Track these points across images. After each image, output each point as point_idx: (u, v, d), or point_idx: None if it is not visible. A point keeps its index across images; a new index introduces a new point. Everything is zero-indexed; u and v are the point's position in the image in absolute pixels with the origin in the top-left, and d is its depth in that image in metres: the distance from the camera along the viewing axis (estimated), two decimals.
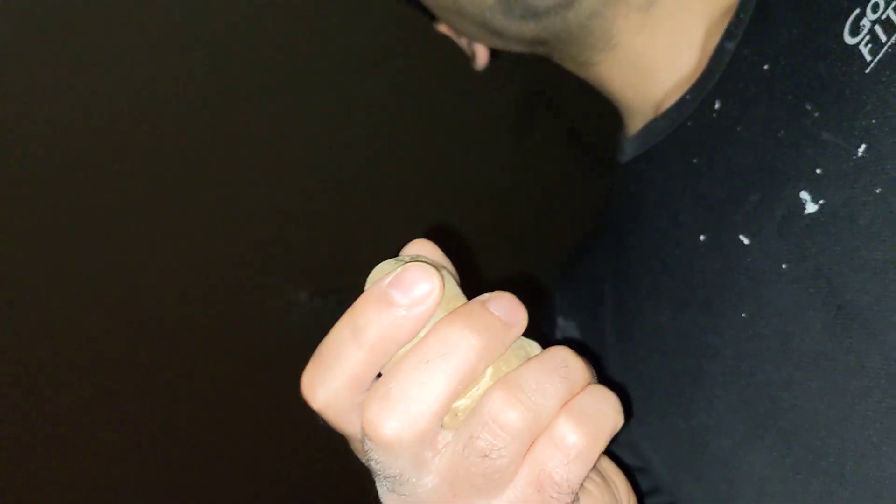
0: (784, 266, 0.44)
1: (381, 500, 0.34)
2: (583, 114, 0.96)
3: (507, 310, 0.32)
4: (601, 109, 0.67)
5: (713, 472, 0.48)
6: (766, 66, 0.49)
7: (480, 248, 1.38)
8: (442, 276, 0.31)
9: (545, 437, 0.31)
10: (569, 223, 1.05)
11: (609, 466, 0.39)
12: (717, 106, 0.52)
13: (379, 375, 0.32)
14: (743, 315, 0.46)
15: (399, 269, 0.31)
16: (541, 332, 0.67)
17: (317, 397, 0.33)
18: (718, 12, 0.56)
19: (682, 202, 0.53)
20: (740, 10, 0.53)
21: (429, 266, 0.31)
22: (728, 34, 0.53)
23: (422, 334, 0.31)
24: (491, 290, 0.34)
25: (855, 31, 0.43)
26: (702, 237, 0.50)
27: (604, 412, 0.33)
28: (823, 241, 0.42)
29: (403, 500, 0.33)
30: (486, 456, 0.30)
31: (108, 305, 1.10)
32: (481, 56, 0.67)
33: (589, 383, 0.33)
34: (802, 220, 0.43)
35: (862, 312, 0.40)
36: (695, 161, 0.53)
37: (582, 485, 0.33)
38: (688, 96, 0.55)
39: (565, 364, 0.33)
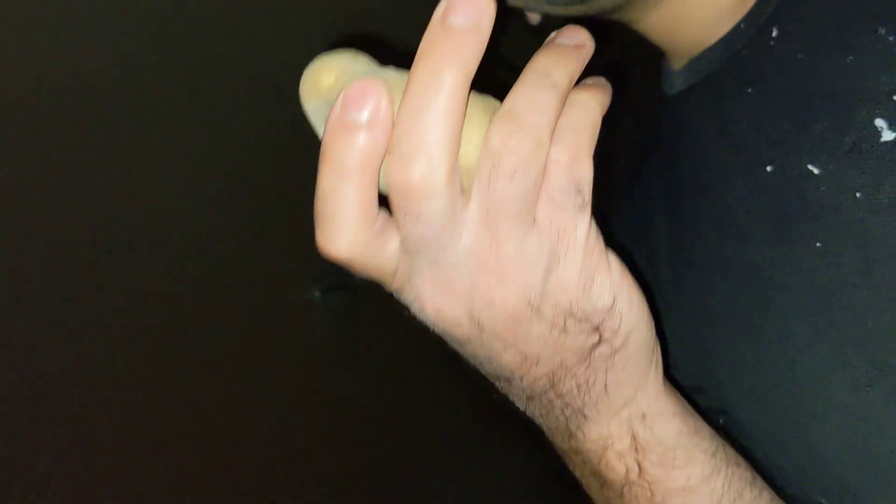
0: (859, 195, 0.44)
1: (417, 289, 0.35)
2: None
3: (467, 12, 0.31)
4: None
5: (787, 401, 0.48)
6: None
7: None
8: (380, 76, 0.32)
9: (549, 162, 0.33)
10: (608, 152, 1.05)
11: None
12: (774, 34, 0.51)
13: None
14: (818, 245, 0.46)
15: (342, 93, 0.31)
16: None
17: (340, 249, 0.33)
18: None
19: (743, 133, 0.52)
20: None
21: (366, 78, 0.31)
22: None
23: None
24: None
25: None
26: (769, 168, 0.50)
27: (586, 117, 0.34)
28: None
29: (444, 269, 0.34)
30: (513, 175, 0.32)
31: (117, 312, 1.09)
32: (531, 18, 0.66)
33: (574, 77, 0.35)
34: (878, 147, 0.43)
35: None
36: (750, 90, 0.52)
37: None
38: (742, 25, 0.54)
39: (547, 74, 0.34)
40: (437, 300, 0.35)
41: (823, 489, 0.47)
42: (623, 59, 0.68)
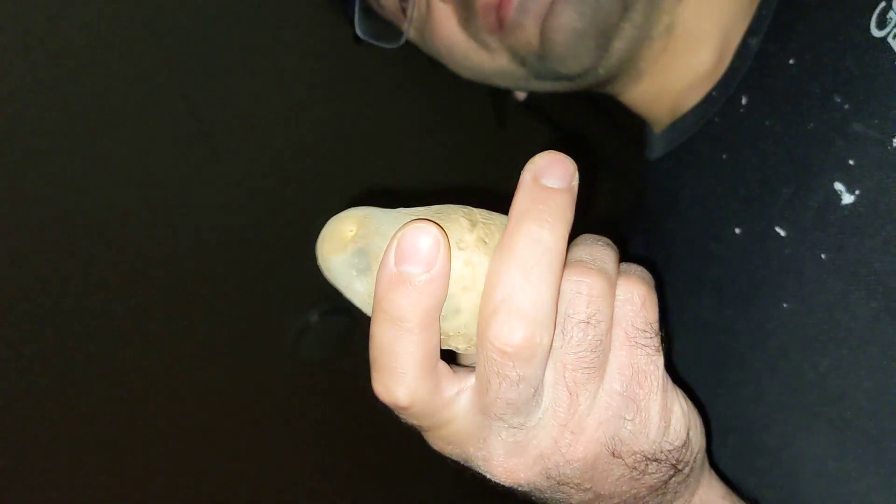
0: (823, 256, 0.45)
1: (490, 449, 0.34)
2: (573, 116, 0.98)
3: (560, 174, 0.32)
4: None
5: (768, 460, 0.49)
6: (791, 61, 0.50)
7: None
8: (433, 221, 0.30)
9: (619, 303, 0.33)
10: (595, 216, 1.07)
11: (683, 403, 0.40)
12: (744, 102, 0.53)
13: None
14: (785, 306, 0.47)
15: (394, 242, 0.30)
16: None
17: (399, 398, 0.32)
18: (737, 10, 0.57)
19: (716, 197, 0.54)
20: (762, 6, 0.54)
21: (416, 220, 0.30)
22: (751, 31, 0.54)
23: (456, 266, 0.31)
24: None
25: (882, 24, 0.44)
26: (737, 230, 0.51)
27: (641, 269, 0.36)
28: (863, 231, 0.43)
29: (522, 435, 0.33)
30: (587, 323, 0.32)
31: (116, 343, 1.10)
32: (520, 94, 0.69)
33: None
34: (839, 210, 0.44)
35: None
36: (724, 156, 0.54)
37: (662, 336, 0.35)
38: (713, 93, 0.56)
39: (598, 238, 0.35)
40: (511, 462, 0.34)
41: None
42: (612, 123, 0.70)
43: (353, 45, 0.66)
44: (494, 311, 0.30)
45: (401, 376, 0.31)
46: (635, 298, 0.33)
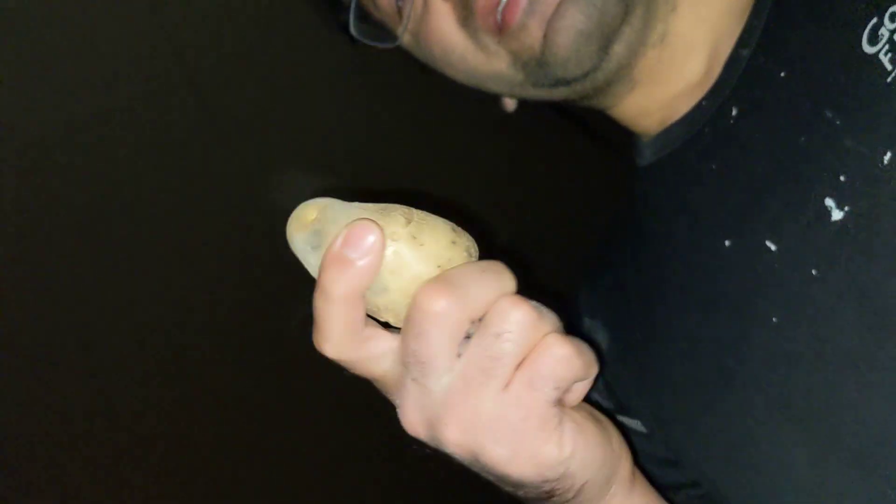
0: (814, 272, 0.45)
1: (402, 399, 0.39)
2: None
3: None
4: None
5: (752, 472, 0.49)
6: (782, 74, 0.50)
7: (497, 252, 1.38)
8: (378, 225, 0.37)
9: (539, 345, 0.37)
10: (585, 221, 1.07)
11: (605, 418, 0.44)
12: (734, 113, 0.53)
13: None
14: (774, 320, 0.47)
15: (345, 231, 0.36)
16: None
17: (326, 351, 0.38)
18: (729, 19, 0.56)
19: (704, 208, 0.54)
20: (753, 16, 0.54)
21: (364, 220, 0.37)
22: (742, 41, 0.54)
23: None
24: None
25: (874, 40, 0.44)
26: (727, 242, 0.51)
27: (583, 350, 0.39)
28: (853, 247, 0.43)
29: (422, 396, 0.38)
30: (498, 337, 0.36)
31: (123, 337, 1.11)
32: (509, 103, 0.68)
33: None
34: (829, 226, 0.44)
35: None
36: (714, 167, 0.54)
37: (566, 404, 0.40)
38: (703, 103, 0.56)
39: (540, 311, 0.39)
40: (411, 415, 0.40)
41: None
42: (601, 126, 0.70)
43: (347, 46, 0.66)
44: (435, 280, 0.37)
45: (328, 336, 0.38)
46: (557, 353, 0.37)
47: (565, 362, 0.37)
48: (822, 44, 0.47)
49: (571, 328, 0.66)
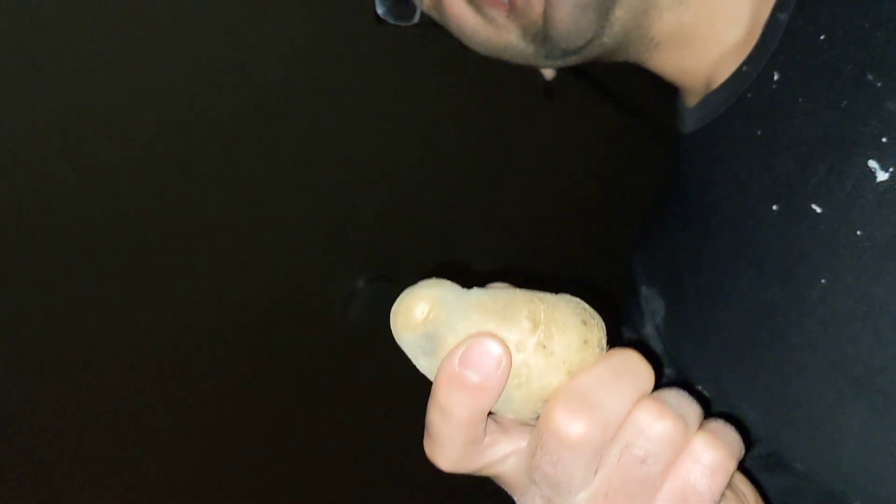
0: (859, 233, 0.46)
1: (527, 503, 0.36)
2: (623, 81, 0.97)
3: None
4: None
5: (811, 429, 0.50)
6: (822, 37, 0.50)
7: (536, 235, 1.38)
8: (504, 344, 0.33)
9: (686, 454, 0.34)
10: (637, 189, 1.07)
11: (738, 477, 0.41)
12: (776, 77, 0.53)
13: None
14: (823, 281, 0.48)
15: (463, 346, 0.33)
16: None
17: (441, 465, 0.36)
18: None
19: (752, 174, 0.55)
20: None
21: (487, 335, 0.33)
22: (780, 4, 0.54)
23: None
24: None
25: None
26: (774, 207, 0.52)
27: (731, 438, 0.36)
28: None
29: None
30: (643, 462, 0.33)
31: (167, 313, 1.14)
32: (547, 73, 0.69)
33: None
34: (874, 188, 0.45)
35: None
36: (759, 133, 0.54)
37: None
38: (745, 68, 0.56)
39: (685, 394, 0.36)
40: None
41: (864, 500, 0.50)
42: (649, 95, 0.70)
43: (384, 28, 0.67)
44: (569, 396, 0.33)
45: (444, 450, 0.35)
46: (706, 459, 0.34)
47: (720, 471, 0.34)
48: (861, 6, 0.47)
49: (629, 296, 0.68)
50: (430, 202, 1.29)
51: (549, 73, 0.69)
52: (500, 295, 0.35)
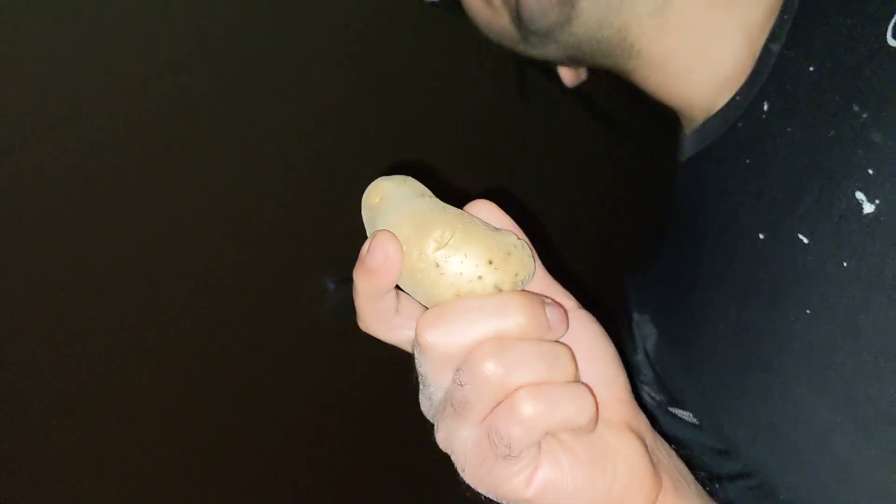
0: (845, 264, 0.46)
1: (419, 396, 0.41)
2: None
3: (557, 319, 0.39)
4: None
5: (796, 455, 0.51)
6: (811, 68, 0.51)
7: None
8: (399, 245, 0.39)
9: (507, 399, 0.37)
10: (635, 218, 1.07)
11: (627, 452, 0.41)
12: (765, 107, 0.54)
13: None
14: (808, 311, 0.48)
15: (369, 240, 0.39)
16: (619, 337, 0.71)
17: (360, 326, 0.42)
18: (760, 14, 0.57)
19: (740, 200, 0.55)
20: (784, 11, 0.55)
21: (386, 234, 0.38)
22: (772, 36, 0.55)
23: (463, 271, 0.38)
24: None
25: None
26: (761, 235, 0.52)
27: (564, 403, 0.37)
28: (884, 239, 0.44)
29: (424, 398, 0.41)
30: (461, 385, 0.37)
31: (128, 303, 1.11)
32: (564, 77, 0.71)
33: (570, 380, 0.39)
34: (861, 219, 0.45)
35: None
36: (748, 161, 0.55)
37: (542, 456, 0.39)
38: (737, 97, 0.57)
39: (556, 355, 0.38)
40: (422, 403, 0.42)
41: None
42: (649, 124, 0.71)
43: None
44: (434, 311, 0.38)
45: (358, 316, 0.41)
46: (515, 415, 0.37)
47: (531, 428, 0.37)
48: (849, 38, 0.48)
49: (622, 325, 0.69)
50: None
51: (568, 78, 0.71)
52: (434, 210, 0.40)
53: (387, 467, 1.47)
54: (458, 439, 0.39)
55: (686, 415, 0.64)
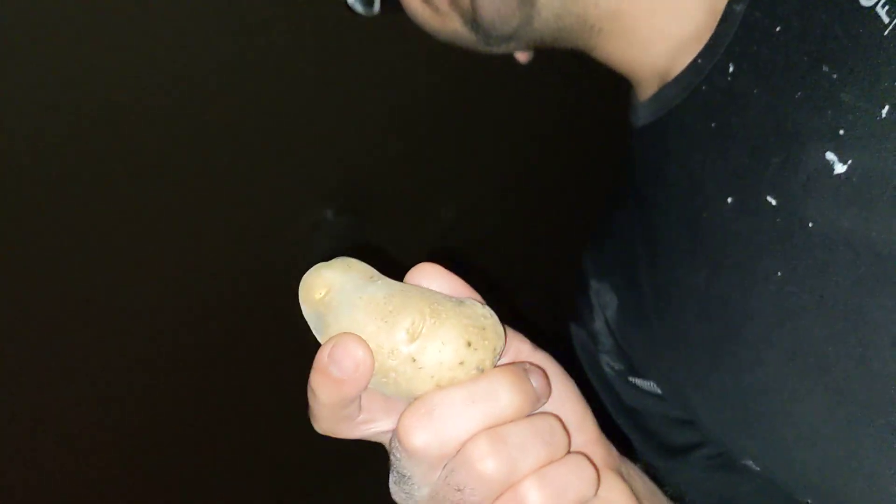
0: (810, 225, 0.46)
1: (390, 485, 0.38)
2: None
3: (542, 386, 0.37)
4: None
5: (765, 425, 0.50)
6: (778, 28, 0.49)
7: (499, 211, 1.40)
8: (367, 348, 0.35)
9: (511, 492, 0.35)
10: (590, 183, 1.05)
11: (616, 497, 0.40)
12: (731, 69, 0.52)
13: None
14: (778, 274, 0.48)
15: (331, 343, 0.35)
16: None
17: (318, 429, 0.38)
18: None
19: (705, 166, 0.54)
20: None
21: (353, 338, 0.35)
22: None
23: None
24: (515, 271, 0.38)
25: None
26: (729, 200, 0.51)
27: (572, 483, 0.36)
28: (855, 200, 0.43)
29: (404, 494, 0.37)
30: (459, 490, 0.34)
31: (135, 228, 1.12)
32: (520, 59, 0.69)
33: (568, 453, 0.37)
34: (831, 180, 0.44)
35: None
36: (713, 125, 0.53)
37: None
38: (699, 60, 0.55)
39: (552, 432, 0.36)
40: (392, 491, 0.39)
41: (814, 497, 0.50)
42: (600, 86, 0.67)
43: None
44: (419, 408, 0.35)
45: (316, 420, 0.38)
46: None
47: None
48: None
49: (578, 292, 0.67)
50: (409, 143, 1.30)
51: (522, 57, 0.68)
52: (395, 297, 0.36)
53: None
54: None
55: (647, 384, 0.63)
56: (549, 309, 0.41)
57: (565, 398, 0.40)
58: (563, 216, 1.35)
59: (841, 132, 0.44)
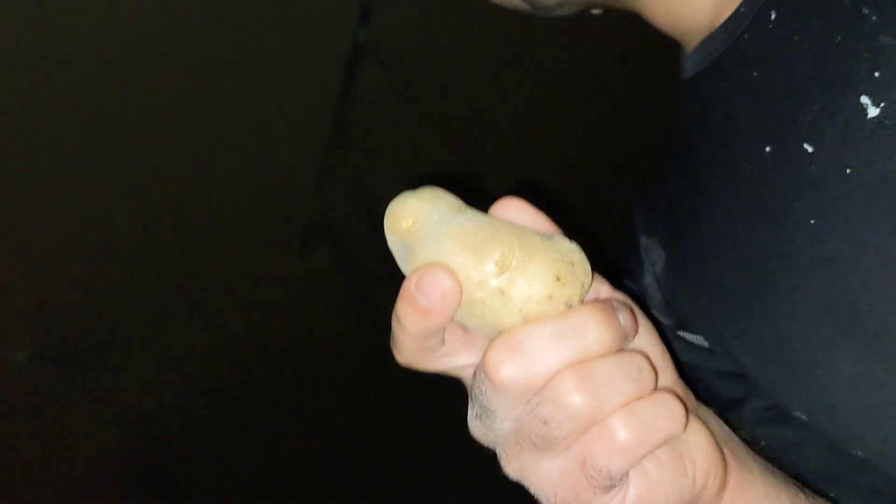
0: (848, 171, 0.45)
1: (469, 420, 0.39)
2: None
3: (630, 323, 0.37)
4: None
5: (804, 374, 0.50)
6: None
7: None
8: (456, 278, 0.35)
9: (598, 426, 0.35)
10: (640, 141, 1.03)
11: (698, 440, 0.40)
12: (772, 17, 0.52)
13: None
14: (812, 222, 0.47)
15: (418, 274, 0.35)
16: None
17: (398, 360, 0.39)
18: None
19: (747, 115, 0.54)
20: None
21: (442, 268, 0.34)
22: None
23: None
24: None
25: None
26: (767, 148, 0.51)
27: (659, 420, 0.36)
28: (889, 143, 0.43)
29: (485, 429, 0.38)
30: (545, 423, 0.35)
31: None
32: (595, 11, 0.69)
33: (655, 390, 0.37)
34: (866, 124, 0.44)
35: None
36: (755, 74, 0.53)
37: (630, 472, 0.37)
38: (742, 9, 0.55)
39: (639, 369, 0.36)
40: (476, 429, 0.39)
41: (863, 448, 0.50)
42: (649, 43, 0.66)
43: None
44: (506, 341, 0.35)
45: (399, 350, 0.39)
46: (614, 443, 0.35)
47: (627, 453, 0.35)
48: None
49: (629, 249, 0.68)
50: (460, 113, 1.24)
51: (596, 11, 0.69)
52: (484, 228, 0.36)
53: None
54: (540, 472, 0.37)
55: (696, 338, 0.64)
56: (600, 267, 0.40)
57: (646, 339, 0.40)
58: (613, 174, 1.33)
59: (876, 74, 0.43)
